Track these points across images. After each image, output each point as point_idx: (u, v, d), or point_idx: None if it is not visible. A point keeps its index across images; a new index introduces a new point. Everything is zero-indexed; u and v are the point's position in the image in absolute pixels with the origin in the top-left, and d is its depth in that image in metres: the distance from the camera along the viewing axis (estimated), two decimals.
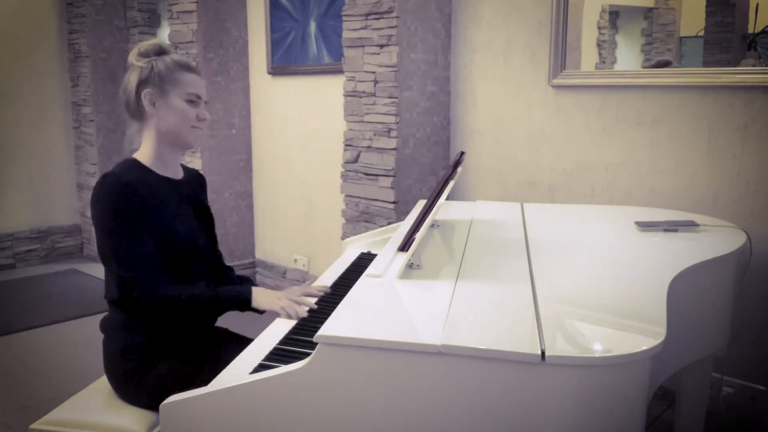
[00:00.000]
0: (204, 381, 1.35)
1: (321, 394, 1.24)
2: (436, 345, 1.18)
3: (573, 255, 1.87)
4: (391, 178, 3.07)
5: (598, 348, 1.24)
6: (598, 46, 3.00)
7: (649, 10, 2.95)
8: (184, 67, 1.71)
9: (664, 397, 2.57)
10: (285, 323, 1.63)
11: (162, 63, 1.69)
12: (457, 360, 1.18)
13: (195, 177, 1.88)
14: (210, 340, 1.78)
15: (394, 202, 3.08)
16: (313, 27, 3.86)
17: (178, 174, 1.79)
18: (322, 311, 1.67)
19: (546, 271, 1.65)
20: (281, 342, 1.52)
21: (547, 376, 1.15)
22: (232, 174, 4.30)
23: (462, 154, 2.08)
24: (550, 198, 2.96)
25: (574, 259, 1.83)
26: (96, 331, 1.78)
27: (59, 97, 4.93)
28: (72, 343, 3.41)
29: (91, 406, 1.69)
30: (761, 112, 2.37)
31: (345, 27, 3.18)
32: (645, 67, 2.91)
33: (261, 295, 1.69)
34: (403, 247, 1.73)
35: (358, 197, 3.24)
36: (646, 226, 2.13)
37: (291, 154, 4.12)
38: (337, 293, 1.80)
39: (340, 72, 3.50)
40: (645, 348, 1.20)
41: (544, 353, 1.14)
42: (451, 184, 1.88)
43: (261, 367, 1.38)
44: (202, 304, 1.65)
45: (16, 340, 3.44)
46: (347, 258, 2.18)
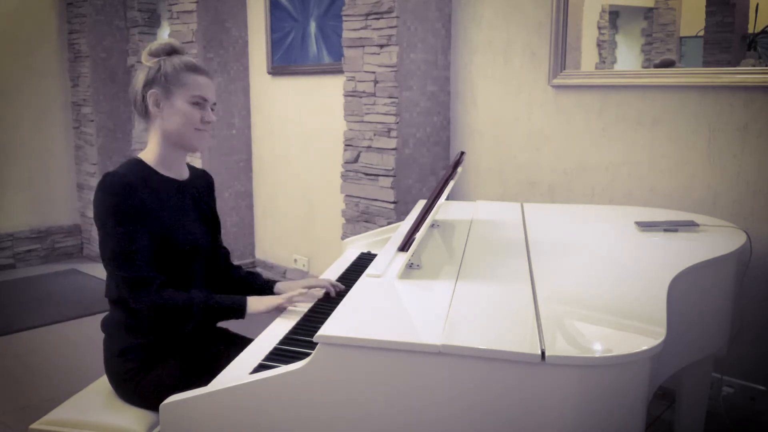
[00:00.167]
0: (204, 381, 1.35)
1: (321, 394, 1.24)
2: (436, 345, 1.18)
3: (573, 255, 1.87)
4: (391, 178, 3.07)
5: (598, 348, 1.24)
6: (598, 46, 3.00)
7: (649, 10, 2.95)
8: (192, 69, 1.69)
9: (664, 397, 2.57)
10: (285, 323, 1.63)
11: (169, 64, 1.68)
12: (457, 360, 1.18)
13: (201, 178, 1.87)
14: (210, 340, 1.78)
15: (394, 202, 3.08)
16: (313, 27, 3.86)
17: (183, 174, 1.78)
18: (322, 311, 1.68)
19: (546, 271, 1.65)
20: (281, 342, 1.52)
21: (547, 376, 1.15)
22: (232, 174, 4.30)
23: (462, 154, 2.08)
24: (550, 198, 2.96)
25: (574, 259, 1.83)
26: (96, 331, 1.78)
27: (59, 97, 4.93)
28: (72, 343, 3.41)
29: (91, 406, 1.69)
30: (761, 112, 2.37)
31: (345, 27, 3.18)
32: (651, 66, 2.90)
33: (256, 300, 1.68)
34: (403, 247, 1.73)
35: (358, 197, 3.24)
36: (646, 226, 2.13)
37: (291, 154, 4.12)
38: (337, 293, 1.81)
39: (340, 72, 3.50)
40: (645, 348, 1.20)
41: (544, 353, 1.14)
42: (451, 184, 1.88)
43: (261, 367, 1.38)
44: (195, 312, 1.62)
45: (16, 340, 3.43)
46: (347, 258, 2.18)
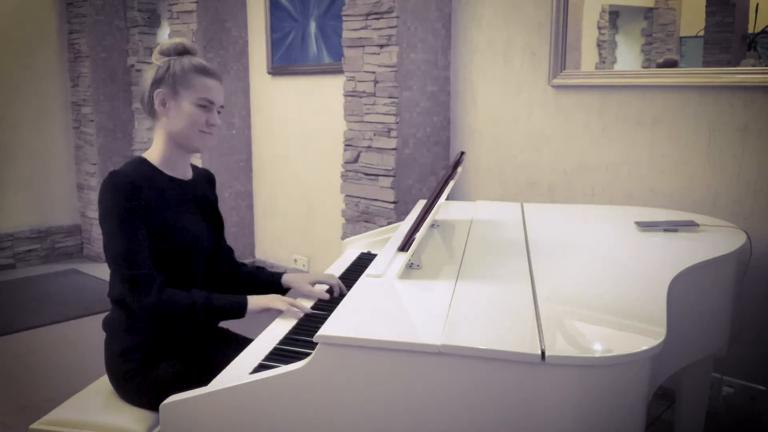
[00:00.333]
0: (204, 381, 1.35)
1: (321, 394, 1.24)
2: (436, 345, 1.18)
3: (573, 255, 1.87)
4: (391, 178, 3.07)
5: (598, 348, 1.24)
6: (598, 46, 3.00)
7: (649, 10, 2.95)
8: (201, 71, 1.69)
9: (664, 397, 2.57)
10: (285, 323, 1.63)
11: (179, 64, 1.68)
12: (457, 360, 1.18)
13: (204, 176, 1.87)
14: (210, 340, 1.78)
15: (394, 202, 3.08)
16: (313, 27, 3.86)
17: (187, 174, 1.78)
18: (322, 311, 1.68)
19: (546, 271, 1.65)
20: (281, 342, 1.52)
21: (547, 376, 1.15)
22: (232, 174, 4.30)
23: (462, 154, 2.08)
24: (550, 198, 2.96)
25: (574, 259, 1.83)
26: (96, 331, 1.78)
27: (59, 97, 4.93)
28: (72, 343, 3.41)
29: (91, 406, 1.69)
30: (761, 112, 2.37)
31: (345, 27, 3.18)
32: (654, 65, 2.89)
33: (256, 299, 1.68)
34: (403, 247, 1.73)
35: (358, 197, 3.24)
36: (646, 226, 2.13)
37: (291, 154, 4.12)
38: (337, 294, 1.81)
39: (340, 72, 3.50)
40: (645, 348, 1.20)
41: (544, 353, 1.14)
42: (451, 184, 1.88)
43: (261, 367, 1.38)
44: (196, 311, 1.61)
45: (16, 340, 3.43)
46: (347, 258, 2.18)
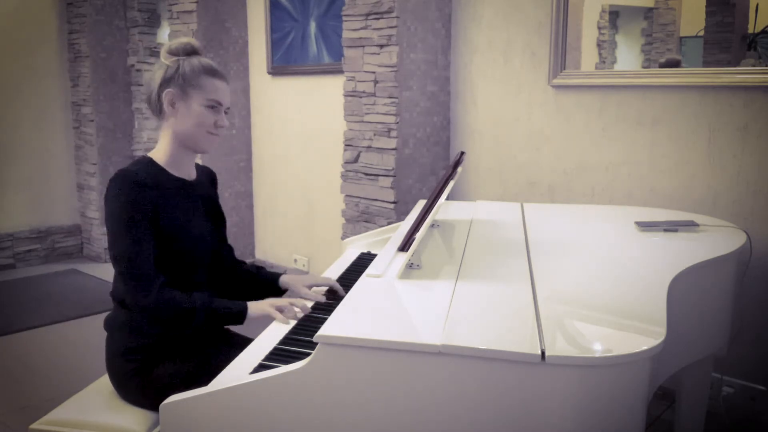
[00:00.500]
0: (204, 381, 1.35)
1: (321, 394, 1.24)
2: (436, 345, 1.18)
3: (573, 255, 1.87)
4: (391, 178, 3.07)
5: (598, 348, 1.24)
6: (598, 46, 3.00)
7: (649, 10, 2.95)
8: (210, 72, 1.69)
9: (664, 397, 2.57)
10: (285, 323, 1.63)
11: (188, 64, 1.68)
12: (458, 360, 1.18)
13: (206, 175, 1.88)
14: (210, 340, 1.78)
15: (394, 202, 3.08)
16: (313, 27, 3.86)
17: (191, 174, 1.78)
18: (322, 311, 1.68)
19: (546, 271, 1.65)
20: (281, 342, 1.52)
21: (547, 376, 1.15)
22: (232, 174, 4.30)
23: (462, 154, 2.08)
24: (550, 198, 2.96)
25: (574, 259, 1.83)
26: (96, 331, 1.78)
27: (59, 97, 4.93)
28: (72, 343, 3.41)
29: (91, 406, 1.69)
30: (761, 112, 2.37)
31: (345, 27, 3.18)
32: (657, 65, 2.89)
33: (256, 306, 1.68)
34: (403, 247, 1.73)
35: (358, 197, 3.24)
36: (646, 226, 2.13)
37: (291, 154, 4.12)
38: (335, 295, 1.81)
39: (340, 72, 3.50)
40: (645, 348, 1.20)
41: (544, 353, 1.14)
42: (451, 184, 1.88)
43: (261, 367, 1.38)
44: (196, 314, 1.60)
45: (16, 340, 3.43)
46: (347, 258, 2.18)
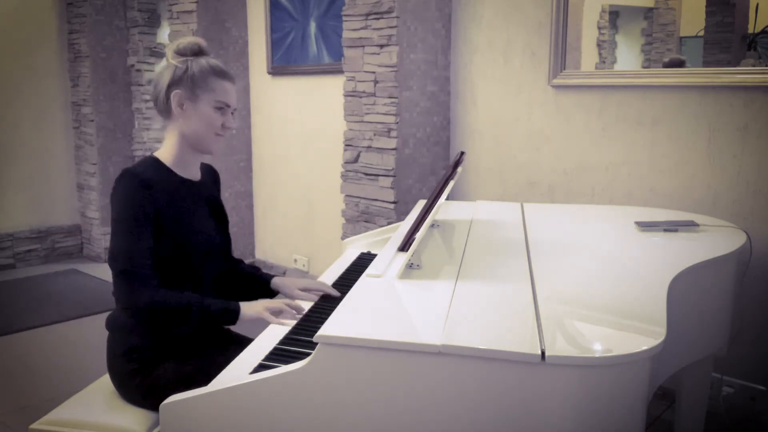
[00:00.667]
0: (204, 381, 1.35)
1: (321, 394, 1.24)
2: (436, 345, 1.18)
3: (573, 255, 1.87)
4: (391, 178, 3.07)
5: (598, 348, 1.24)
6: (598, 46, 3.00)
7: (649, 10, 2.95)
8: (218, 74, 1.68)
9: (664, 397, 2.57)
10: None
11: (197, 65, 1.67)
12: (458, 360, 1.18)
13: (210, 174, 1.88)
14: (210, 340, 1.78)
15: (394, 202, 3.08)
16: (313, 27, 3.86)
17: (197, 175, 1.78)
18: (321, 311, 1.68)
19: (546, 271, 1.65)
20: (281, 342, 1.52)
21: (547, 376, 1.15)
22: (232, 174, 4.30)
23: (462, 154, 2.08)
24: (550, 198, 2.96)
25: (574, 259, 1.83)
26: (96, 331, 1.78)
27: (59, 97, 4.93)
28: (72, 343, 3.41)
29: (91, 406, 1.68)
30: (761, 112, 2.37)
31: (345, 27, 3.18)
32: (661, 65, 2.88)
33: (249, 307, 1.67)
34: (403, 247, 1.73)
35: (358, 197, 3.24)
36: (646, 226, 2.13)
37: (291, 154, 4.12)
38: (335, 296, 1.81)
39: (340, 72, 3.50)
40: (645, 348, 1.20)
41: (544, 353, 1.14)
42: (451, 184, 1.88)
43: (261, 367, 1.38)
44: (190, 314, 1.59)
45: (16, 340, 3.43)
46: (347, 258, 2.18)
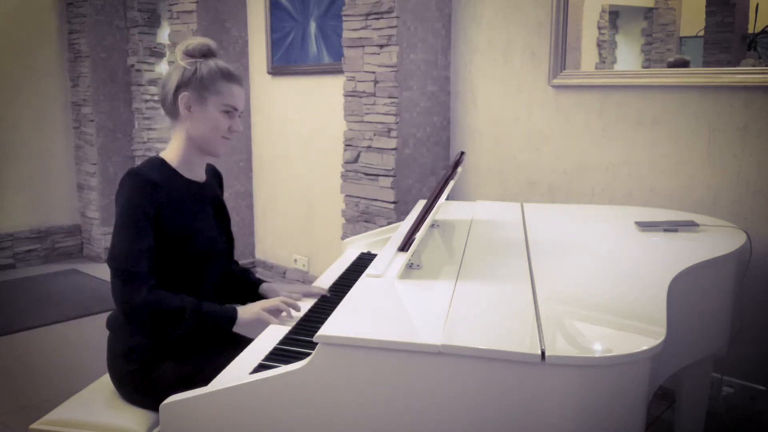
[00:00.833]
0: (204, 381, 1.35)
1: (321, 394, 1.24)
2: (436, 345, 1.18)
3: (573, 255, 1.87)
4: (391, 178, 3.07)
5: (598, 348, 1.24)
6: (598, 46, 3.00)
7: (649, 10, 2.95)
8: (227, 77, 1.68)
9: (664, 397, 2.57)
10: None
11: (206, 68, 1.66)
12: (458, 360, 1.18)
13: (214, 175, 1.88)
14: (211, 340, 1.78)
15: (394, 202, 3.08)
16: (313, 27, 3.86)
17: (202, 176, 1.78)
18: (321, 311, 1.68)
19: (546, 271, 1.65)
20: (281, 342, 1.52)
21: (548, 376, 1.15)
22: (232, 174, 4.30)
23: (462, 154, 2.08)
24: (550, 198, 2.96)
25: (574, 259, 1.83)
26: (96, 331, 1.78)
27: (59, 97, 4.93)
28: (72, 343, 3.41)
29: (91, 406, 1.69)
30: (761, 112, 2.37)
31: (345, 27, 3.18)
32: (665, 65, 2.88)
33: (246, 310, 1.67)
34: (403, 247, 1.73)
35: (358, 197, 3.24)
36: (646, 226, 2.13)
37: (291, 154, 4.12)
38: (337, 293, 1.81)
39: (340, 72, 3.50)
40: (645, 348, 1.20)
41: (544, 353, 1.14)
42: (451, 184, 1.88)
43: (261, 367, 1.38)
44: (186, 317, 1.59)
45: (16, 340, 3.43)
46: (347, 258, 2.18)
